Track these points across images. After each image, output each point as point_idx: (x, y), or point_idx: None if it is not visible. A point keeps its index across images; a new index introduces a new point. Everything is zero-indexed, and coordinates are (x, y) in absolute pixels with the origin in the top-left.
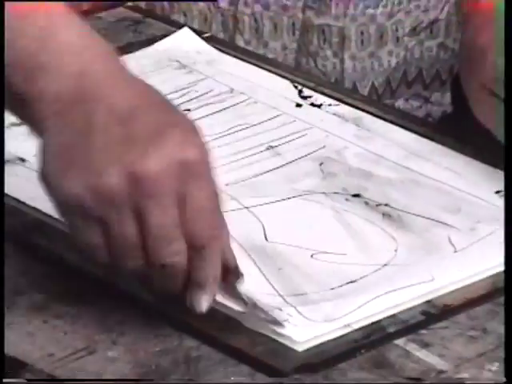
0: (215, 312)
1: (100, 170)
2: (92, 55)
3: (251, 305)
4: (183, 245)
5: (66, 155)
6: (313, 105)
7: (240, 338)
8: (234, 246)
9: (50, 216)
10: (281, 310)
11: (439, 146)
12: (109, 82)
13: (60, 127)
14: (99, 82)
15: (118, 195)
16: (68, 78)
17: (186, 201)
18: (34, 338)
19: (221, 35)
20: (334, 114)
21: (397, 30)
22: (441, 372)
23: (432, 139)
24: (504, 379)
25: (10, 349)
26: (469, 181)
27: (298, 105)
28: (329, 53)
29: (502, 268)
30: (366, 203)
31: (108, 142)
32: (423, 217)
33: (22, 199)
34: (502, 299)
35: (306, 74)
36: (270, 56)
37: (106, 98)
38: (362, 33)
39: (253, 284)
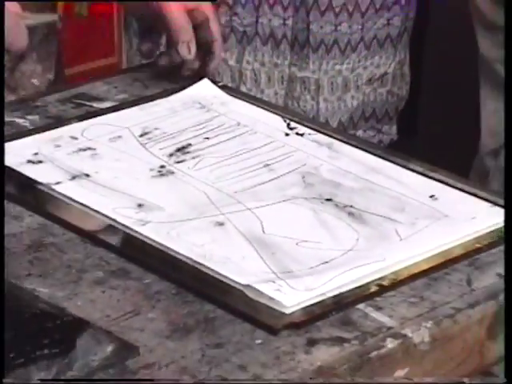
0: (227, 285)
1: None
2: None
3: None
4: None
5: None
6: (297, 134)
7: (244, 303)
8: (241, 238)
9: (107, 216)
10: (274, 282)
11: (388, 164)
12: None
13: None
14: None
15: None
16: None
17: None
18: (95, 304)
19: (230, 84)
20: (313, 141)
21: (357, 80)
22: (390, 328)
23: (384, 158)
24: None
25: (77, 312)
26: (410, 188)
27: (287, 134)
28: (308, 97)
29: (434, 251)
30: (336, 205)
31: None
32: (377, 215)
33: (87, 204)
34: (435, 274)
35: (292, 112)
36: (266, 99)
37: None
38: (331, 83)
39: (254, 264)
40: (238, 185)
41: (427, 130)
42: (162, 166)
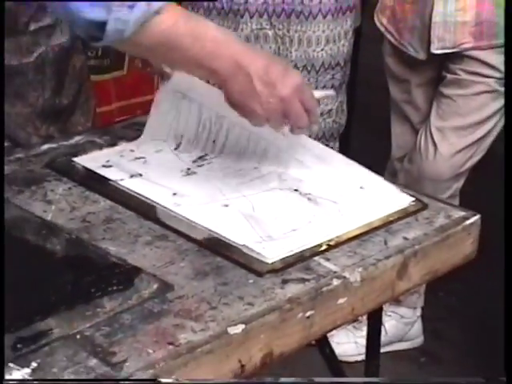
0: (230, 245)
1: (264, 99)
2: (231, 41)
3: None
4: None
5: (241, 95)
6: None
7: (240, 256)
8: (239, 215)
9: (154, 200)
10: (260, 243)
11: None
12: (248, 54)
13: (233, 82)
14: (245, 56)
15: (276, 108)
16: (228, 59)
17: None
18: (146, 257)
19: None
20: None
21: None
22: (335, 272)
23: None
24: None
25: (134, 262)
26: (348, 182)
27: None
28: None
29: (363, 223)
30: (300, 193)
31: (262, 85)
32: (326, 199)
33: (141, 193)
34: (363, 237)
35: None
36: None
37: (251, 63)
38: None
39: (248, 232)
40: (237, 179)
41: (356, 146)
42: (189, 169)
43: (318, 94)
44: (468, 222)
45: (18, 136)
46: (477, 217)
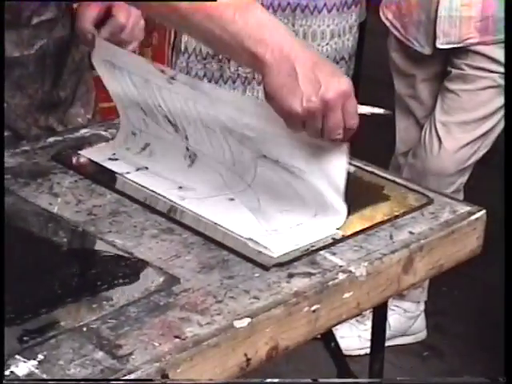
0: (236, 239)
1: (307, 97)
2: (279, 28)
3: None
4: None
5: (282, 89)
6: None
7: (247, 251)
8: (245, 209)
9: (159, 193)
10: (266, 237)
11: None
12: (296, 46)
13: (276, 73)
14: (293, 47)
15: (317, 110)
16: (275, 46)
17: (345, 109)
18: (152, 250)
19: None
20: None
21: None
22: (341, 266)
23: None
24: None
25: (141, 255)
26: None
27: None
28: None
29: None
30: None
31: (307, 81)
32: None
33: (147, 186)
34: (369, 231)
35: None
36: None
37: (299, 57)
38: None
39: (254, 225)
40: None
41: (361, 140)
42: (187, 149)
43: (365, 109)
44: (473, 217)
45: (19, 127)
46: (482, 212)
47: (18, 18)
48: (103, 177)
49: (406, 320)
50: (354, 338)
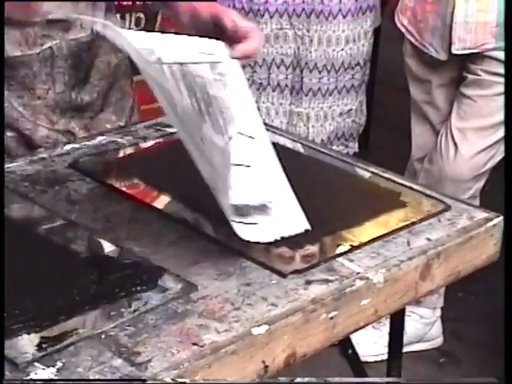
0: (254, 246)
1: None
2: None
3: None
4: None
5: None
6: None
7: (264, 257)
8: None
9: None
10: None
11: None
12: None
13: None
14: None
15: None
16: None
17: None
18: (169, 258)
19: None
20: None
21: (333, 113)
22: (358, 273)
23: (350, 163)
24: None
25: (158, 262)
26: None
27: None
28: (301, 124)
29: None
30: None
31: None
32: None
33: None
34: (387, 238)
35: (292, 134)
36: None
37: None
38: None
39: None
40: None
41: (376, 145)
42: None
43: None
44: (491, 223)
45: (23, 127)
46: (500, 218)
47: (22, 17)
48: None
49: (423, 326)
50: (370, 344)
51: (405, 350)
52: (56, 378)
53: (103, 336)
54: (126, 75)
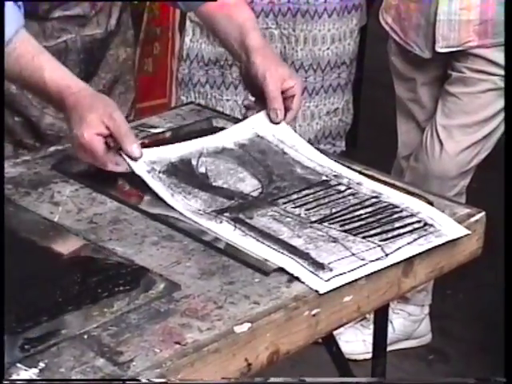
0: (235, 246)
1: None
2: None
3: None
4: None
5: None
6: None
7: (246, 255)
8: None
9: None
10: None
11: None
12: None
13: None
14: None
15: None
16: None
17: None
18: (152, 257)
19: None
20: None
21: (320, 112)
22: None
23: (338, 162)
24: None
25: (141, 262)
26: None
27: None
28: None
29: None
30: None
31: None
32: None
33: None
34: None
35: None
36: None
37: None
38: (303, 114)
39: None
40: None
41: (363, 144)
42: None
43: None
44: (473, 219)
45: (30, 113)
46: (482, 214)
47: (36, 10)
48: (104, 185)
49: (411, 323)
50: (358, 342)
51: (393, 347)
52: (39, 378)
53: (86, 336)
54: (131, 70)
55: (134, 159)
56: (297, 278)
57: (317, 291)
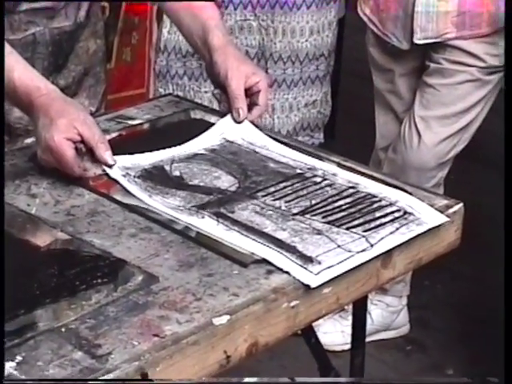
0: (217, 243)
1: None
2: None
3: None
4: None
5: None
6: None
7: (224, 247)
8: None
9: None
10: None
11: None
12: None
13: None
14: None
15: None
16: None
17: None
18: (130, 250)
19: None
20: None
21: (298, 104)
22: None
23: (315, 155)
24: None
25: (119, 254)
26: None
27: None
28: (267, 116)
29: None
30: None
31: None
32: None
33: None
34: None
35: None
36: None
37: None
38: (282, 106)
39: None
40: None
41: (342, 135)
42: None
43: None
44: (451, 210)
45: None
46: (460, 205)
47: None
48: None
49: (389, 314)
50: (337, 333)
51: (372, 338)
52: (16, 372)
53: (63, 329)
54: (101, 62)
55: (109, 166)
56: (284, 271)
57: (308, 285)
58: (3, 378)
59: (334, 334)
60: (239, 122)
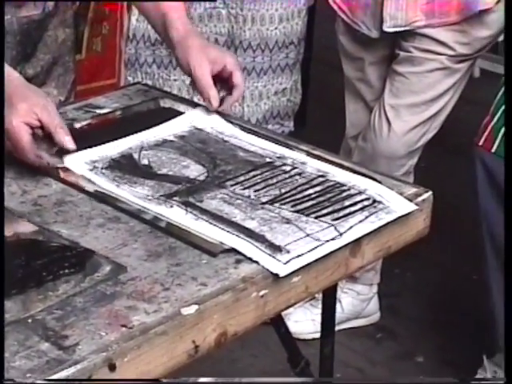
0: (186, 233)
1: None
2: None
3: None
4: None
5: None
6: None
7: (193, 237)
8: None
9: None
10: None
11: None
12: None
13: None
14: None
15: None
16: None
17: None
18: (98, 240)
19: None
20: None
21: (268, 92)
22: None
23: (285, 144)
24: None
25: (87, 245)
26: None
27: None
28: (237, 104)
29: None
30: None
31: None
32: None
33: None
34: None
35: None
36: None
37: None
38: (251, 94)
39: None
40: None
41: (312, 124)
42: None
43: None
44: (420, 198)
45: None
46: (429, 193)
47: None
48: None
49: (359, 302)
50: (308, 321)
51: (342, 326)
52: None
53: (30, 320)
54: (70, 51)
55: (67, 151)
56: (253, 261)
57: (277, 274)
58: (3, 378)
59: (305, 322)
60: (214, 111)
